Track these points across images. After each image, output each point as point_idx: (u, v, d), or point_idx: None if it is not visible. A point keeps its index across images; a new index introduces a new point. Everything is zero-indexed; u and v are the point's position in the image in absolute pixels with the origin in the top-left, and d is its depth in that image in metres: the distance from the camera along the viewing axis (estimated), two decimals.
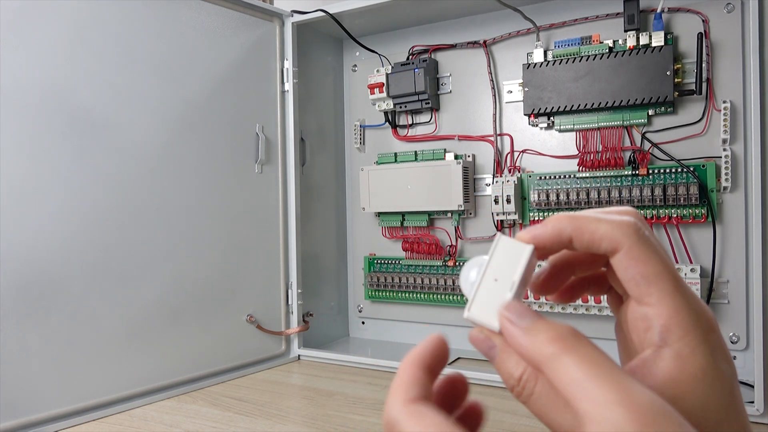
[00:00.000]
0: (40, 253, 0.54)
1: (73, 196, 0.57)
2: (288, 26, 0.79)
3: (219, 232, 0.70)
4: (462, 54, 0.79)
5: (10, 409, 0.52)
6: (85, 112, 0.58)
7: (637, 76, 0.65)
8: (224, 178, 0.71)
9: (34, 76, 0.54)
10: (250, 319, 0.74)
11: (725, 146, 0.62)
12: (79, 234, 0.57)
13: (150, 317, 0.63)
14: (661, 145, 0.66)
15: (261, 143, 0.76)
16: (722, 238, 0.63)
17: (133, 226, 0.61)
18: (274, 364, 0.75)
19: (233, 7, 0.72)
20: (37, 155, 0.54)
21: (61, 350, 0.55)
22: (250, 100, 0.75)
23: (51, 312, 0.55)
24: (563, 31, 0.71)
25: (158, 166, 0.64)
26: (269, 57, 0.78)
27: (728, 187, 0.62)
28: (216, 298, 0.70)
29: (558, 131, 0.72)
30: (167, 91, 0.65)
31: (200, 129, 0.68)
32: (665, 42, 0.64)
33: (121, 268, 0.60)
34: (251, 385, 0.67)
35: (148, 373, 0.62)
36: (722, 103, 0.62)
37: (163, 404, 0.61)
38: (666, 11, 0.65)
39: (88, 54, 0.58)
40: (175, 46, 0.66)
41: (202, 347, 0.68)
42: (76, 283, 0.57)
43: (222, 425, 0.55)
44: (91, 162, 0.58)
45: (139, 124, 0.62)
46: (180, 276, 0.66)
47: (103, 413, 0.58)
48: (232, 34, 0.72)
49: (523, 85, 0.72)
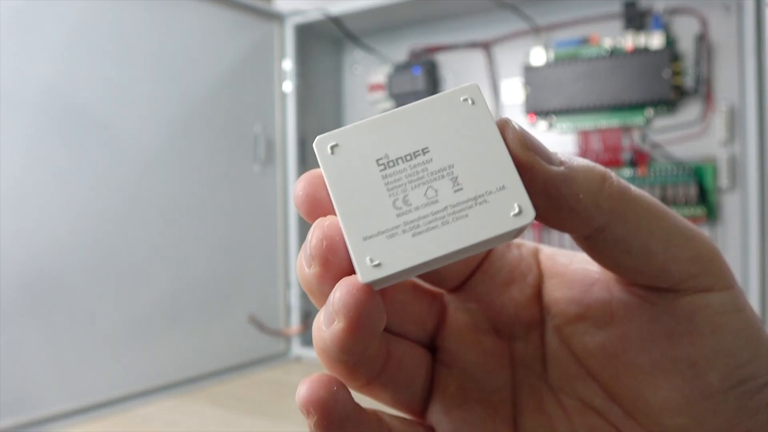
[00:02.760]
0: (40, 253, 0.55)
1: (73, 195, 0.57)
2: (288, 27, 0.79)
3: (219, 232, 0.70)
4: (462, 54, 0.79)
5: (10, 408, 0.52)
6: (85, 112, 0.58)
7: (637, 77, 0.65)
8: (224, 179, 0.71)
9: (34, 76, 0.54)
10: (251, 319, 0.74)
11: (724, 147, 0.62)
12: (79, 233, 0.57)
13: (150, 317, 0.63)
14: (660, 145, 0.66)
15: (261, 143, 0.76)
16: (721, 239, 0.64)
17: (133, 226, 0.62)
18: (274, 364, 0.76)
19: (233, 8, 0.73)
20: (36, 154, 0.54)
21: (60, 349, 0.55)
22: (250, 100, 0.75)
23: (51, 311, 0.55)
24: (563, 31, 0.71)
25: (159, 167, 0.64)
26: (269, 57, 0.78)
27: (727, 187, 0.63)
28: (216, 298, 0.70)
29: (558, 132, 0.72)
30: (168, 91, 0.65)
31: (200, 129, 0.69)
32: (664, 43, 0.64)
33: (121, 267, 0.60)
34: (251, 385, 0.68)
35: (148, 373, 0.62)
36: (721, 104, 0.62)
37: (163, 403, 0.61)
38: (665, 13, 0.65)
39: (87, 54, 0.58)
40: (175, 47, 0.66)
41: (202, 347, 0.68)
42: (76, 282, 0.57)
43: (222, 425, 0.55)
44: (91, 162, 0.58)
45: (140, 124, 0.62)
46: (180, 276, 0.66)
47: (102, 412, 0.58)
48: (232, 35, 0.73)
49: (523, 86, 0.72)
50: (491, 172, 0.15)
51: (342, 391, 0.16)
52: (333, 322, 0.15)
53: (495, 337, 0.20)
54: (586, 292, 0.18)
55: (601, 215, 0.16)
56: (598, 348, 0.18)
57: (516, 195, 0.15)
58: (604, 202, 0.16)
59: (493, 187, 0.15)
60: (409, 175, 0.15)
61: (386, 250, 0.14)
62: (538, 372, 0.19)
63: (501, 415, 0.19)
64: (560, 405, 0.19)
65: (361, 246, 0.14)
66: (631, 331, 0.17)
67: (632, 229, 0.16)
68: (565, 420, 0.19)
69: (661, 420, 0.17)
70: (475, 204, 0.15)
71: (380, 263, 0.14)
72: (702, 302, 0.16)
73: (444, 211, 0.15)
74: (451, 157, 0.15)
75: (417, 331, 0.19)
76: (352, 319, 0.14)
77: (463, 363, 0.19)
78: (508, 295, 0.19)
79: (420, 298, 0.19)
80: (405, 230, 0.15)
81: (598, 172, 0.16)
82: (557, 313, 0.19)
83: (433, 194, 0.15)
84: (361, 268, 0.14)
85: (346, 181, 0.15)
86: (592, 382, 0.18)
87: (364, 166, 0.15)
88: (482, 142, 0.15)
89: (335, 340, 0.15)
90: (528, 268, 0.20)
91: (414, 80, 0.78)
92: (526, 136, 0.16)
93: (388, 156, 0.15)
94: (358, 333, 0.15)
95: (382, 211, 0.15)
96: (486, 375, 0.19)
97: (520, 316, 0.19)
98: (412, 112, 0.16)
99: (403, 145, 0.15)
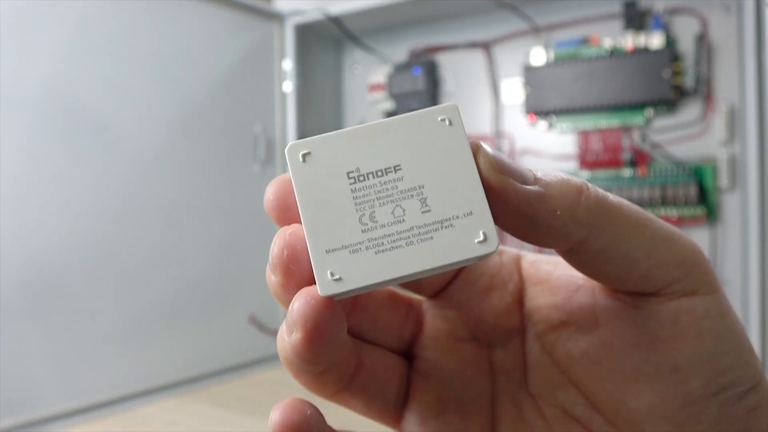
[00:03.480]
0: (40, 252, 0.55)
1: (73, 195, 0.57)
2: (288, 27, 0.79)
3: (219, 232, 0.70)
4: (462, 54, 0.79)
5: (10, 407, 0.52)
6: (85, 112, 0.58)
7: (637, 77, 0.65)
8: (225, 179, 0.71)
9: (34, 76, 0.54)
10: (251, 319, 0.74)
11: (724, 147, 0.62)
12: (79, 233, 0.57)
13: (150, 317, 0.63)
14: (660, 145, 0.66)
15: (261, 143, 0.76)
16: (721, 239, 0.64)
17: (133, 226, 0.62)
18: (274, 364, 0.76)
19: (233, 8, 0.73)
20: (36, 154, 0.54)
21: (61, 349, 0.55)
22: (250, 100, 0.75)
23: (51, 311, 0.55)
24: (563, 31, 0.71)
25: (159, 167, 0.64)
26: (269, 57, 0.78)
27: (727, 187, 0.63)
28: (216, 298, 0.70)
29: (558, 132, 0.72)
30: (168, 91, 0.65)
31: (200, 129, 0.69)
32: (664, 43, 0.64)
33: (121, 267, 0.60)
34: (251, 385, 0.68)
35: (148, 372, 0.62)
36: (721, 104, 0.62)
37: (163, 403, 0.61)
38: (665, 13, 0.65)
39: (87, 54, 0.58)
40: (175, 47, 0.66)
41: (202, 347, 0.68)
42: (76, 282, 0.57)
43: (222, 425, 0.55)
44: (91, 162, 0.58)
45: (140, 124, 0.62)
46: (180, 276, 0.66)
47: (103, 412, 0.58)
48: (232, 35, 0.73)
49: (523, 86, 0.72)
50: (460, 196, 0.15)
51: (315, 416, 0.16)
52: (292, 332, 0.15)
53: (474, 344, 0.19)
54: (570, 299, 0.18)
55: (580, 230, 0.15)
56: (581, 354, 0.18)
57: (482, 222, 0.15)
58: (582, 216, 0.15)
59: (460, 212, 0.15)
60: (379, 191, 0.15)
61: (348, 266, 0.14)
62: (518, 380, 0.19)
63: (479, 424, 0.19)
64: (540, 414, 0.19)
65: (324, 259, 0.15)
66: (615, 336, 0.17)
67: (613, 239, 0.16)
68: (546, 429, 0.18)
69: (644, 427, 0.17)
70: (441, 227, 0.15)
71: (341, 278, 0.14)
72: (686, 306, 0.16)
73: (409, 232, 0.15)
74: (423, 177, 0.15)
75: (392, 338, 0.19)
76: (309, 331, 0.14)
77: (441, 371, 0.19)
78: (487, 302, 0.19)
79: (396, 305, 0.19)
80: (368, 247, 0.15)
81: (574, 185, 0.16)
82: (540, 320, 0.19)
83: (401, 213, 0.15)
84: (321, 281, 0.14)
85: (315, 191, 0.15)
86: (574, 390, 0.18)
87: (334, 177, 0.15)
88: (455, 165, 0.15)
89: (295, 351, 0.15)
90: (509, 275, 0.19)
91: (414, 80, 0.78)
92: (497, 160, 0.15)
93: (360, 170, 0.15)
94: (316, 344, 0.15)
95: (348, 226, 0.15)
96: (464, 383, 0.19)
97: (499, 323, 0.19)
98: (388, 127, 0.15)
99: (375, 160, 0.15)
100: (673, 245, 0.16)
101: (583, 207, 0.15)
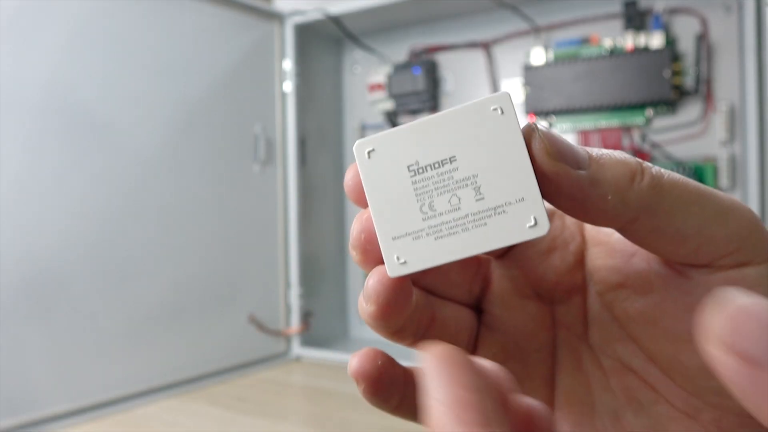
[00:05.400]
0: (40, 252, 0.55)
1: (73, 195, 0.57)
2: (288, 27, 0.79)
3: (219, 232, 0.70)
4: (462, 54, 0.79)
5: (10, 407, 0.52)
6: (85, 112, 0.58)
7: (637, 77, 0.65)
8: (225, 178, 0.71)
9: (34, 76, 0.54)
10: (251, 319, 0.74)
11: (724, 147, 0.62)
12: (79, 233, 0.57)
13: (150, 317, 0.63)
14: (660, 145, 0.66)
15: (261, 143, 0.76)
16: None
17: (133, 226, 0.62)
18: (274, 364, 0.76)
19: (233, 8, 0.73)
20: (37, 154, 0.54)
21: (61, 349, 0.55)
22: (250, 100, 0.75)
23: (51, 311, 0.55)
24: (563, 31, 0.71)
25: (159, 166, 0.64)
26: (269, 57, 0.78)
27: (727, 187, 0.63)
28: (216, 298, 0.70)
29: (558, 132, 0.72)
30: (168, 91, 0.65)
31: (200, 129, 0.69)
32: (664, 43, 0.64)
33: (121, 267, 0.60)
34: (251, 385, 0.68)
35: (148, 373, 0.62)
36: (721, 104, 0.62)
37: (163, 403, 0.61)
38: (665, 13, 0.65)
39: (87, 54, 0.58)
40: (175, 47, 0.66)
41: (202, 347, 0.68)
42: (76, 282, 0.57)
43: (222, 425, 0.55)
44: (90, 161, 0.58)
45: (140, 124, 0.62)
46: (180, 275, 0.66)
47: (103, 412, 0.58)
48: (232, 35, 0.73)
49: (523, 86, 0.72)
50: (512, 184, 0.16)
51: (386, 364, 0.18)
52: (368, 303, 0.17)
53: (537, 301, 0.21)
54: (627, 262, 0.19)
55: (630, 212, 0.16)
56: (637, 314, 0.19)
57: (533, 207, 0.16)
58: (633, 200, 0.16)
59: (512, 199, 0.16)
60: (436, 182, 0.17)
61: (411, 251, 0.16)
62: (578, 334, 0.20)
63: (540, 374, 0.20)
64: (599, 365, 0.20)
65: (390, 245, 0.17)
66: (668, 301, 0.18)
67: (664, 219, 0.16)
68: (603, 379, 0.20)
69: (698, 381, 0.18)
70: (494, 214, 0.16)
71: (406, 261, 0.17)
72: (737, 276, 0.16)
73: (465, 219, 0.16)
74: (476, 166, 0.16)
75: (463, 294, 0.21)
76: (381, 305, 0.17)
77: (506, 325, 0.20)
78: (549, 262, 0.20)
79: (466, 265, 0.21)
80: (429, 233, 0.16)
81: (628, 168, 0.16)
82: (599, 279, 0.20)
83: (457, 202, 0.16)
84: (389, 264, 0.17)
85: (380, 184, 0.17)
86: (632, 344, 0.19)
87: (396, 171, 0.17)
88: (507, 153, 0.16)
89: (370, 319, 0.18)
90: (571, 236, 0.20)
91: (414, 80, 0.78)
92: (552, 144, 0.16)
93: (419, 163, 0.17)
94: (387, 314, 0.17)
95: (410, 215, 0.17)
96: (527, 337, 0.20)
97: (561, 281, 0.20)
98: (443, 121, 0.17)
99: (432, 153, 0.17)
100: (727, 220, 0.16)
101: (635, 191, 0.16)
